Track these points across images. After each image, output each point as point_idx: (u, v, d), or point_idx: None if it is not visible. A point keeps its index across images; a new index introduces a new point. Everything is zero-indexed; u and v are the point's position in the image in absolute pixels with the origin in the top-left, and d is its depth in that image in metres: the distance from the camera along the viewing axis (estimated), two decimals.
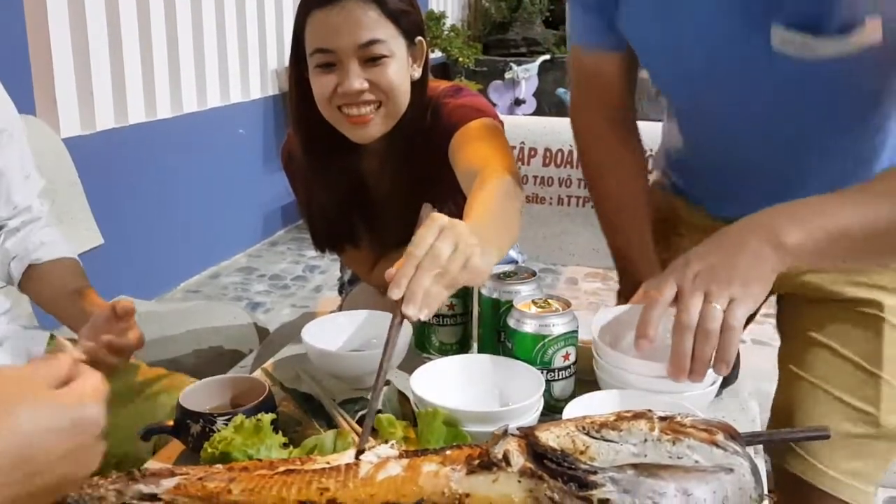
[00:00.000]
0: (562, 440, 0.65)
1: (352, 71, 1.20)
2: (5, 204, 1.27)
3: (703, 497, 0.62)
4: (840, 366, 1.18)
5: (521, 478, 0.64)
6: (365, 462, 0.71)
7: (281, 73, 4.41)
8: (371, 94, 1.22)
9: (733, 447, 0.64)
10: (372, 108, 1.24)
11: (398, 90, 1.24)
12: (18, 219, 1.31)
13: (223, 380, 0.96)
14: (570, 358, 0.97)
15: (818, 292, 1.21)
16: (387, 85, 1.22)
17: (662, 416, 0.66)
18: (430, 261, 0.81)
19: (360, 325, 1.12)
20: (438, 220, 0.84)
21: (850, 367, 1.17)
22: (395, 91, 1.24)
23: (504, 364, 0.97)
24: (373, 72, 1.21)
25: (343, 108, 1.24)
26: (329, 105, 1.24)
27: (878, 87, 1.05)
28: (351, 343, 1.10)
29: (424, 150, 1.30)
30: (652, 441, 0.64)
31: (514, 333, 0.96)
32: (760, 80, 1.06)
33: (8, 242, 1.29)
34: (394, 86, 1.23)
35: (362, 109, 1.23)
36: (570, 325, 0.96)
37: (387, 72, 1.22)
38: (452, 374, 0.97)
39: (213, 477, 0.69)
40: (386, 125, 1.26)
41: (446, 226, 0.83)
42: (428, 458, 0.70)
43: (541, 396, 0.90)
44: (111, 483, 0.71)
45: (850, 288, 1.19)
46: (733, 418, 1.00)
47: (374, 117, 1.24)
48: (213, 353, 1.62)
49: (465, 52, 6.19)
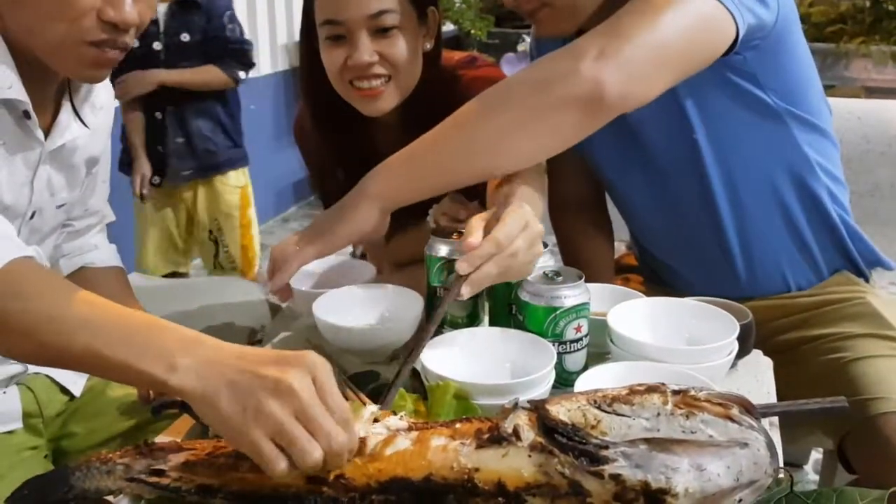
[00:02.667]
0: (573, 414, 0.64)
1: (361, 43, 1.18)
2: (81, 204, 1.26)
3: (716, 472, 0.60)
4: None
5: (531, 452, 0.63)
6: (374, 436, 0.70)
7: (291, 49, 4.37)
8: (381, 66, 1.20)
9: (748, 421, 0.63)
10: (382, 80, 1.21)
11: (409, 63, 1.22)
12: (85, 221, 1.30)
13: None
14: (583, 330, 0.95)
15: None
16: (397, 57, 1.20)
17: (676, 389, 0.64)
18: (507, 257, 0.88)
19: (371, 299, 1.11)
20: (524, 214, 0.91)
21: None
22: (405, 64, 1.21)
23: (515, 337, 0.96)
24: (382, 44, 1.19)
25: (354, 81, 1.21)
26: (340, 79, 1.22)
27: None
28: (363, 317, 1.09)
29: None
30: (665, 415, 0.63)
31: (526, 306, 0.95)
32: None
33: (65, 241, 1.28)
34: (404, 58, 1.20)
35: (373, 83, 1.21)
36: (581, 296, 0.95)
37: (397, 43, 1.19)
38: (463, 348, 0.96)
39: (221, 452, 0.68)
40: (397, 98, 1.24)
41: (529, 223, 0.91)
42: (437, 432, 0.69)
43: (552, 369, 0.89)
44: (119, 457, 0.71)
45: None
46: (748, 390, 0.98)
47: (384, 90, 1.22)
48: (225, 329, 1.62)
49: (477, 25, 6.10)
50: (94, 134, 1.17)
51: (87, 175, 1.21)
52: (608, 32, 0.97)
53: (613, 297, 1.07)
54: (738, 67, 1.11)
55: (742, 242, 1.24)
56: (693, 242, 1.28)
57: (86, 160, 1.18)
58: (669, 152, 1.22)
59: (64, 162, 1.12)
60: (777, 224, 1.23)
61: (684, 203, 1.25)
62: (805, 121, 1.19)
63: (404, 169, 1.05)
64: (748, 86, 1.13)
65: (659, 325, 1.01)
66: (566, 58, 0.97)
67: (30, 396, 1.17)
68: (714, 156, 1.19)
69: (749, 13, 1.02)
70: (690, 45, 1.00)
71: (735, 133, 1.17)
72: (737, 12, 1.00)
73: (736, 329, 0.96)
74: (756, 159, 1.19)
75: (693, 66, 1.02)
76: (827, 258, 1.27)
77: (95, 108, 1.14)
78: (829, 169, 1.24)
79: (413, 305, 1.06)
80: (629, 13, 0.98)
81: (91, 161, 1.20)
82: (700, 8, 0.98)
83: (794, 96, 1.17)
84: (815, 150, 1.21)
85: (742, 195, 1.21)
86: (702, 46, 1.01)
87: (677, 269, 1.33)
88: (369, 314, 1.10)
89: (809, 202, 1.23)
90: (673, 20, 0.97)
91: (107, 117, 1.22)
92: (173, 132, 2.56)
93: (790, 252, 1.25)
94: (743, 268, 1.26)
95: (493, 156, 1.00)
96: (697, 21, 0.99)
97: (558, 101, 0.95)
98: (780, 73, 1.14)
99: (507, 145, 0.99)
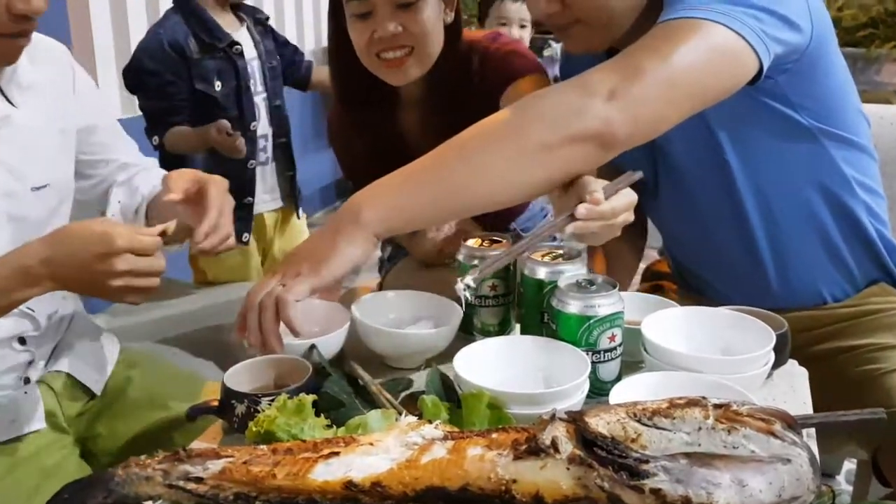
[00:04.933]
0: (612, 427, 0.64)
1: (386, 15, 1.26)
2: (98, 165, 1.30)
3: (758, 488, 0.59)
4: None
5: (569, 465, 0.63)
6: (410, 444, 0.70)
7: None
8: (405, 38, 1.28)
9: (791, 437, 0.62)
10: (406, 51, 1.29)
11: (430, 34, 1.30)
12: (125, 173, 1.32)
13: (267, 360, 0.96)
14: (616, 339, 0.95)
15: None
16: (419, 29, 1.28)
17: (717, 403, 0.64)
18: (609, 225, 0.94)
19: (409, 304, 1.12)
20: (634, 197, 0.97)
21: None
22: (427, 35, 1.29)
23: (548, 345, 0.96)
24: (406, 17, 1.27)
25: (380, 53, 1.30)
26: (367, 52, 1.31)
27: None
28: (400, 321, 1.09)
29: (471, 100, 1.32)
30: (706, 429, 0.62)
31: (559, 314, 0.95)
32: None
33: (124, 197, 1.30)
34: (426, 30, 1.29)
35: (397, 53, 1.29)
36: (615, 305, 0.94)
37: (419, 16, 1.27)
38: (495, 356, 0.95)
39: (258, 461, 0.68)
40: (420, 68, 1.32)
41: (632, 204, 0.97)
42: (473, 441, 0.69)
43: (586, 378, 0.88)
44: (158, 463, 0.71)
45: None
46: (784, 400, 0.97)
47: (408, 60, 1.30)
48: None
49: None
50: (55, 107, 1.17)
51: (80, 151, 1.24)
52: (621, 68, 0.95)
53: (647, 305, 1.07)
54: (769, 90, 1.08)
55: (776, 259, 1.22)
56: (725, 257, 1.26)
57: (59, 130, 1.18)
58: (699, 172, 1.20)
59: (11, 142, 1.10)
60: (812, 241, 1.21)
61: (715, 220, 1.23)
62: (841, 138, 1.16)
63: (403, 194, 0.98)
64: (780, 107, 1.11)
65: (693, 334, 1.00)
66: (578, 93, 0.95)
67: (51, 395, 1.18)
68: (745, 175, 1.17)
69: (775, 43, 0.99)
70: (704, 81, 0.97)
71: (767, 153, 1.15)
72: (759, 44, 0.97)
73: (772, 339, 0.95)
74: (789, 178, 1.17)
75: (709, 100, 0.99)
76: (863, 271, 1.25)
77: (22, 87, 1.13)
78: (867, 183, 1.21)
79: (454, 313, 1.06)
80: (643, 48, 0.96)
81: (65, 132, 1.20)
82: (717, 42, 0.96)
83: (829, 114, 1.14)
84: (852, 165, 1.18)
85: (775, 214, 1.19)
86: (717, 81, 0.98)
87: (710, 280, 1.32)
88: (406, 318, 1.10)
89: (845, 218, 1.20)
90: (687, 56, 0.94)
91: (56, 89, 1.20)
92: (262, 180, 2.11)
93: (825, 267, 1.23)
94: (777, 282, 1.24)
95: (497, 186, 0.97)
96: (713, 56, 0.96)
97: (567, 136, 0.94)
98: (814, 92, 1.12)
99: (513, 176, 0.96)
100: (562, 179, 0.99)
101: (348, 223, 0.96)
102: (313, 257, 0.95)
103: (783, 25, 1.00)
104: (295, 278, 0.94)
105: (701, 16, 0.96)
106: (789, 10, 1.01)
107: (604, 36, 1.13)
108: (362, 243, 0.95)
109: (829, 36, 1.11)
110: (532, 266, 1.05)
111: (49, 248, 0.96)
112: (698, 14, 0.96)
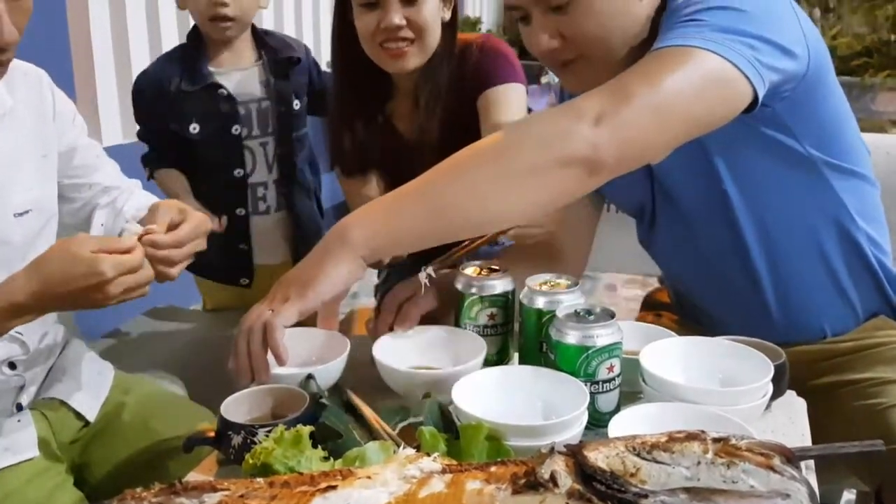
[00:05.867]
0: (611, 461, 0.63)
1: (392, 7, 1.39)
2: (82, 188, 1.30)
3: None
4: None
5: (568, 499, 0.62)
6: (408, 477, 0.70)
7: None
8: (408, 30, 1.40)
9: (790, 472, 0.61)
10: (407, 43, 1.42)
11: (431, 28, 1.43)
12: (107, 196, 1.32)
13: (263, 390, 0.96)
14: (615, 370, 0.95)
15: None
16: (422, 23, 1.41)
17: (716, 437, 0.63)
18: None
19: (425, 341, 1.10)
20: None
21: None
22: (428, 28, 1.42)
23: (546, 376, 0.95)
24: (410, 10, 1.40)
25: (384, 43, 1.41)
26: (371, 41, 1.43)
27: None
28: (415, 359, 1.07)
29: (454, 95, 1.48)
30: (705, 464, 0.62)
31: (557, 345, 0.95)
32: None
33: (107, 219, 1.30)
34: (428, 24, 1.42)
35: (400, 44, 1.42)
36: (614, 336, 0.94)
37: (423, 11, 1.41)
38: (494, 386, 0.95)
39: (255, 494, 0.68)
40: (420, 58, 1.45)
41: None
42: (471, 475, 0.69)
43: (585, 409, 0.88)
44: (154, 496, 0.70)
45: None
46: (783, 432, 0.97)
47: (409, 51, 1.43)
48: None
49: None
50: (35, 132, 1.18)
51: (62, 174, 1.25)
52: (610, 93, 0.95)
53: (645, 335, 1.07)
54: (767, 118, 1.08)
55: (777, 290, 1.21)
56: (725, 288, 1.25)
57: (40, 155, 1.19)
58: (697, 202, 1.20)
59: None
60: (814, 271, 1.20)
61: (715, 251, 1.22)
62: (841, 168, 1.16)
63: (390, 215, 0.97)
64: (779, 135, 1.10)
65: (691, 364, 1.00)
66: (567, 116, 0.95)
67: (44, 422, 1.18)
68: (745, 205, 1.16)
69: (770, 71, 0.99)
70: (695, 109, 0.97)
71: (766, 182, 1.15)
72: (753, 73, 0.96)
73: (770, 370, 0.95)
74: (790, 208, 1.16)
75: (701, 128, 0.99)
76: (864, 302, 1.24)
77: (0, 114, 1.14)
78: (867, 212, 1.21)
79: (479, 349, 1.04)
80: (634, 74, 0.96)
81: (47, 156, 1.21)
82: (709, 70, 0.95)
83: (828, 142, 1.14)
84: (853, 194, 1.18)
85: (776, 243, 1.18)
86: (709, 109, 0.98)
87: (710, 311, 1.31)
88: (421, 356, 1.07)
89: (847, 248, 1.20)
90: (677, 83, 0.94)
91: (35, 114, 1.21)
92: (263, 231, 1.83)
93: (827, 297, 1.22)
94: (778, 314, 1.23)
95: (484, 208, 0.96)
96: (705, 84, 0.95)
97: (555, 159, 0.93)
98: (813, 120, 1.12)
99: (500, 199, 0.95)
100: (551, 204, 0.99)
101: (336, 246, 0.95)
102: (300, 281, 0.95)
103: (779, 53, 1.00)
104: (283, 303, 0.94)
105: (694, 44, 0.96)
106: (784, 38, 1.01)
107: (603, 72, 1.12)
108: (349, 265, 0.95)
109: (825, 63, 1.12)
110: (530, 295, 1.05)
111: (37, 281, 0.97)
112: (691, 42, 0.96)
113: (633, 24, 1.09)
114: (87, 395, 1.24)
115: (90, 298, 0.98)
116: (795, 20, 1.06)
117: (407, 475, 0.70)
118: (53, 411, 1.20)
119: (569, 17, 1.07)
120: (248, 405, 0.94)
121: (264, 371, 0.93)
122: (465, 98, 1.48)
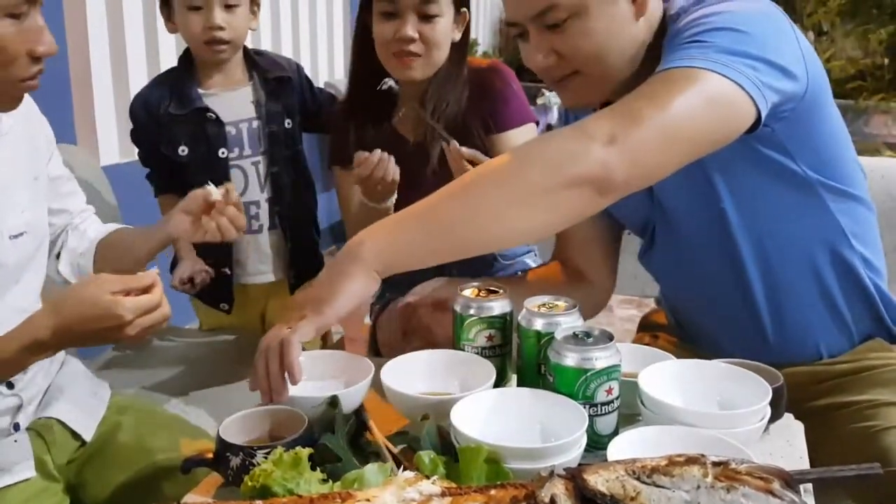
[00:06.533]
0: (611, 484, 0.63)
1: (409, 21, 1.49)
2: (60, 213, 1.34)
3: None
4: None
5: None
6: (407, 500, 0.70)
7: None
8: (419, 43, 1.50)
9: (790, 496, 0.62)
10: (415, 56, 1.51)
11: (440, 45, 1.52)
12: (77, 219, 1.37)
13: (262, 411, 0.95)
14: (614, 392, 0.95)
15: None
16: (433, 40, 1.51)
17: (716, 461, 0.64)
18: None
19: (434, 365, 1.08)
20: None
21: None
22: (438, 46, 1.52)
23: (545, 398, 0.95)
24: (425, 27, 1.50)
25: (396, 52, 1.51)
26: (386, 49, 1.53)
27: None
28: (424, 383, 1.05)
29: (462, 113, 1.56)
30: (705, 488, 0.62)
31: (556, 367, 0.95)
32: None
33: (72, 241, 1.35)
34: (438, 41, 1.52)
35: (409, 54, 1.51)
36: (612, 358, 0.94)
37: (436, 29, 1.51)
38: (492, 408, 0.95)
39: None
40: (425, 71, 1.54)
41: None
42: (471, 498, 0.69)
43: (584, 432, 0.88)
44: None
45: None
46: (781, 455, 0.97)
47: (417, 61, 1.52)
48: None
49: None
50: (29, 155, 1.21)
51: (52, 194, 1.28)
52: (619, 115, 0.97)
53: (643, 357, 1.07)
54: (766, 139, 1.09)
55: (772, 310, 1.22)
56: (721, 308, 1.26)
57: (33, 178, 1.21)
58: (695, 220, 1.21)
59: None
60: (809, 292, 1.21)
61: (712, 271, 1.23)
62: (838, 190, 1.17)
63: (401, 231, 0.99)
64: (778, 157, 1.12)
65: (689, 387, 1.00)
66: (577, 138, 0.97)
67: (40, 442, 1.17)
68: (742, 225, 1.17)
69: (771, 91, 1.01)
70: (702, 129, 0.98)
71: (764, 203, 1.16)
72: (756, 93, 0.98)
73: (768, 393, 0.95)
74: (787, 228, 1.18)
75: (706, 148, 1.01)
76: (859, 325, 1.25)
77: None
78: (863, 235, 1.22)
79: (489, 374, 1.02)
80: (642, 96, 0.98)
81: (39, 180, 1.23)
82: (715, 91, 0.97)
83: (826, 165, 1.15)
84: (849, 217, 1.19)
85: (773, 264, 1.19)
86: (714, 129, 1.00)
87: (706, 330, 1.32)
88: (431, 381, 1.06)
89: (843, 270, 1.21)
90: (685, 104, 0.96)
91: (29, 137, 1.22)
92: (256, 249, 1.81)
93: (823, 319, 1.23)
94: (773, 334, 1.24)
95: (493, 228, 0.98)
96: (711, 104, 0.97)
97: (565, 180, 0.95)
98: (811, 142, 1.13)
99: (509, 218, 0.97)
100: (559, 224, 1.00)
101: (349, 261, 0.96)
102: (315, 298, 0.95)
103: (779, 74, 1.02)
104: (300, 321, 0.94)
105: (699, 65, 0.97)
106: (784, 59, 1.03)
107: (600, 88, 1.14)
108: (362, 279, 0.95)
109: (823, 84, 1.13)
110: (529, 317, 1.05)
111: (56, 321, 1.00)
112: (696, 63, 0.98)
113: (628, 44, 1.11)
114: (83, 415, 1.24)
115: (109, 338, 1.03)
116: (795, 41, 1.07)
117: (406, 498, 0.70)
118: (50, 431, 1.19)
119: (564, 35, 1.09)
120: (246, 427, 0.94)
121: (283, 390, 0.93)
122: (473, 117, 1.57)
